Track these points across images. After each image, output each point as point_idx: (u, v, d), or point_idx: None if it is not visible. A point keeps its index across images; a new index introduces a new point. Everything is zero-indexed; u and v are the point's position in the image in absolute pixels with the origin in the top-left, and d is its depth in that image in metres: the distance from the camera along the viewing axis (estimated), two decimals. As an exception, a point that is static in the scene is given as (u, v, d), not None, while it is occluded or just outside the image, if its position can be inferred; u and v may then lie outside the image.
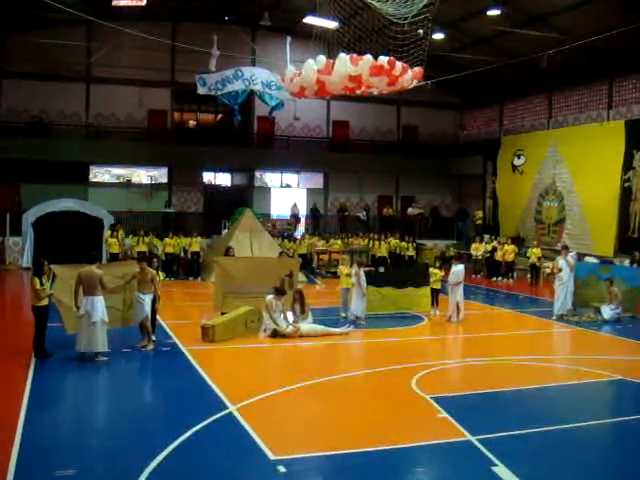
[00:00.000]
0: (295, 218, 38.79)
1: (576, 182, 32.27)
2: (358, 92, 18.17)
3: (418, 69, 17.85)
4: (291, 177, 41.63)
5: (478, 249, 32.55)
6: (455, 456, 9.40)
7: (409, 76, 17.56)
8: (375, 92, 18.41)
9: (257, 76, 29.12)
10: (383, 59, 16.80)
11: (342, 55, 16.96)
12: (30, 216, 31.01)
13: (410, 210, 40.88)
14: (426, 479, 8.79)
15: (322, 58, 17.37)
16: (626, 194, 29.35)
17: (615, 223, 29.69)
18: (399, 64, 17.05)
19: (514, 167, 36.49)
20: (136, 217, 34.96)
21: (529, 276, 30.71)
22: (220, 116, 40.06)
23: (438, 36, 29.79)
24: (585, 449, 10.03)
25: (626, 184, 29.34)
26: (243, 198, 38.51)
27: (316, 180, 41.81)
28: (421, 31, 17.95)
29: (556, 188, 33.60)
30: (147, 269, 15.63)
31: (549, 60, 28.00)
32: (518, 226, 35.79)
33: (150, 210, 36.55)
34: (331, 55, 18.66)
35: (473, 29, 32.54)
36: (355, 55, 16.91)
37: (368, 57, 16.79)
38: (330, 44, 21.22)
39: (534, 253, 30.41)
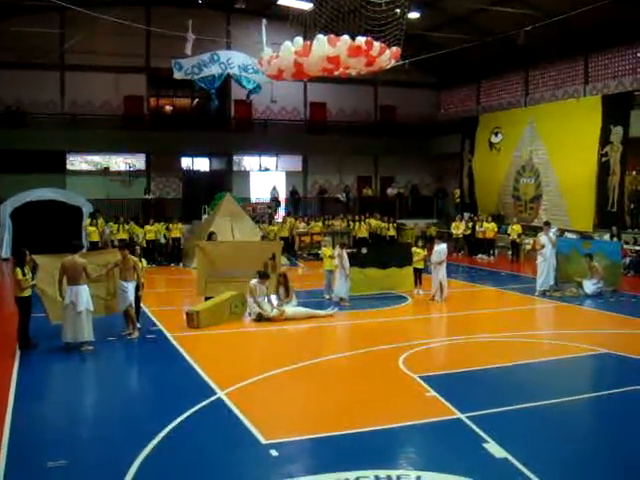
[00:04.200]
0: (275, 201, 38.69)
1: (553, 158, 32.36)
2: (336, 73, 18.10)
3: (395, 49, 17.80)
4: (270, 160, 41.46)
5: (458, 227, 32.65)
6: (446, 434, 9.44)
7: (387, 56, 17.51)
8: (353, 73, 18.34)
9: (233, 59, 28.92)
10: (361, 39, 16.73)
11: (320, 36, 16.85)
12: (8, 207, 30.76)
13: (390, 190, 40.91)
14: (418, 458, 8.80)
15: (299, 40, 17.28)
16: (604, 169, 29.46)
17: (593, 198, 29.81)
18: (377, 44, 16.99)
19: (491, 145, 36.55)
20: (115, 205, 34.75)
21: (510, 253, 30.85)
22: (197, 101, 39.76)
23: (414, 15, 29.64)
24: (574, 423, 10.12)
25: (603, 159, 29.44)
26: (222, 183, 38.40)
27: (295, 163, 41.69)
28: (398, 10, 17.90)
29: (533, 164, 33.71)
30: (129, 257, 15.53)
31: (525, 37, 28.04)
32: (497, 203, 35.89)
33: (129, 197, 36.32)
34: (308, 37, 18.58)
35: (449, 7, 32.50)
36: (333, 36, 16.84)
37: (345, 38, 16.71)
38: (307, 25, 21.13)
39: (514, 230, 30.52)
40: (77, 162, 37.61)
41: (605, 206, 29.39)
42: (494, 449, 8.68)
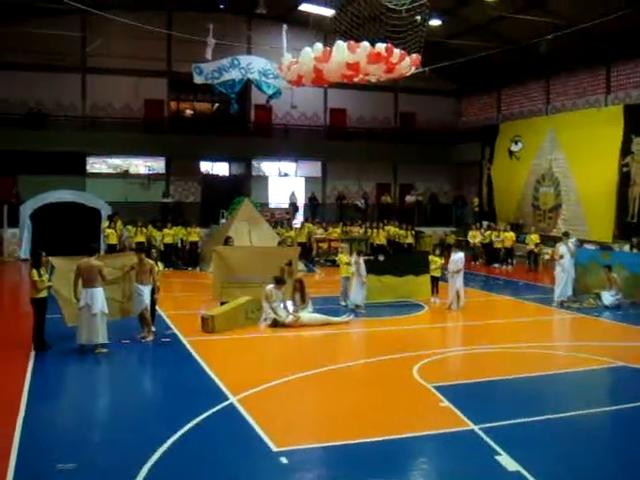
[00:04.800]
0: (293, 207, 38.67)
1: (573, 167, 32.17)
2: (356, 80, 18.07)
3: (416, 56, 17.77)
4: (289, 166, 41.52)
5: (475, 237, 32.45)
6: (458, 445, 9.35)
7: (407, 63, 17.49)
8: (373, 79, 18.31)
9: (254, 64, 28.97)
10: (381, 46, 16.70)
11: (339, 42, 16.85)
12: (28, 208, 30.93)
13: (408, 197, 40.80)
14: (429, 469, 8.73)
15: (319, 46, 17.28)
16: (624, 179, 29.27)
17: (614, 208, 29.60)
18: (397, 51, 16.97)
19: (511, 153, 36.40)
20: (134, 208, 34.84)
21: (527, 262, 30.67)
22: (217, 105, 39.92)
23: (435, 22, 29.59)
24: (588, 436, 9.99)
25: (624, 169, 29.25)
26: (241, 187, 38.39)
27: (314, 168, 41.70)
28: (418, 17, 17.84)
29: (553, 174, 33.52)
30: (145, 260, 15.56)
31: (547, 46, 27.88)
32: (516, 212, 35.69)
33: (148, 200, 36.45)
34: (328, 43, 18.54)
35: (471, 15, 32.39)
36: (352, 42, 16.81)
37: (365, 44, 16.69)
38: (327, 31, 21.11)
39: (532, 239, 30.35)
40: (97, 164, 37.80)
41: (625, 217, 29.17)
42: (506, 462, 8.58)
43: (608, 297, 20.64)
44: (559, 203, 33.07)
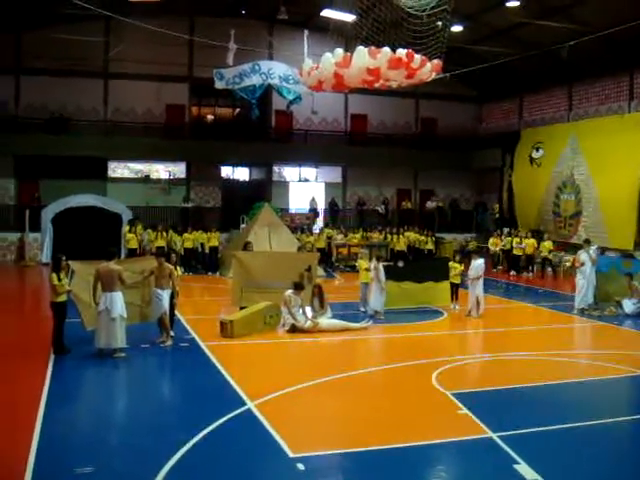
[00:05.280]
0: (314, 212, 38.69)
1: (594, 175, 31.94)
2: (376, 85, 18.05)
3: (437, 62, 17.74)
4: (309, 171, 41.54)
5: (496, 244, 32.28)
6: (476, 454, 9.28)
7: (428, 69, 17.46)
8: (394, 85, 18.28)
9: (274, 70, 29.06)
10: (401, 52, 16.70)
11: (360, 48, 16.86)
12: (49, 212, 31.16)
13: (429, 203, 40.70)
14: (447, 477, 8.68)
15: (340, 51, 17.29)
16: (646, 187, 29.07)
17: (635, 216, 29.37)
18: (417, 57, 16.95)
19: (532, 160, 36.22)
20: (154, 212, 34.99)
21: (541, 269, 30.65)
22: (238, 110, 40.01)
23: (457, 28, 29.54)
24: (608, 446, 9.85)
25: (646, 177, 29.04)
26: (261, 192, 38.51)
27: (334, 174, 41.68)
28: (440, 23, 17.80)
29: (574, 181, 33.30)
30: (165, 264, 15.59)
31: (569, 52, 27.68)
32: (537, 219, 35.48)
33: (168, 205, 36.58)
34: (349, 48, 18.54)
35: (492, 21, 32.25)
36: (373, 48, 16.79)
37: (386, 50, 16.68)
38: (348, 37, 21.09)
39: (545, 246, 30.34)
40: (118, 169, 37.99)
41: (647, 225, 28.95)
42: (525, 470, 8.49)
43: (629, 305, 20.46)
44: (580, 210, 32.85)
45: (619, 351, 15.92)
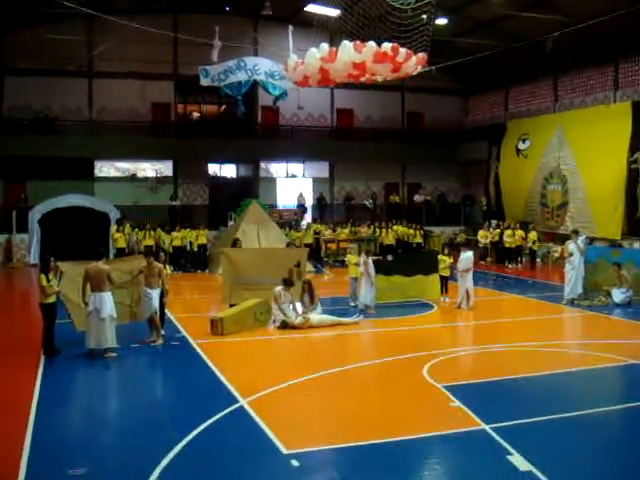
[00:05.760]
0: (301, 208, 38.65)
1: (580, 165, 32.05)
2: (362, 79, 18.04)
3: (422, 55, 17.74)
4: (296, 167, 41.47)
5: (485, 236, 32.33)
6: (470, 445, 9.29)
7: (413, 62, 17.46)
8: (379, 79, 18.27)
9: (260, 66, 28.98)
10: (387, 46, 16.68)
11: (345, 42, 16.84)
12: (36, 213, 31.04)
13: (417, 197, 40.74)
14: (441, 470, 8.69)
15: (325, 46, 17.27)
16: (633, 176, 29.15)
17: (622, 205, 29.48)
18: (403, 50, 16.95)
19: (518, 151, 36.28)
20: (142, 211, 34.87)
21: (530, 260, 30.76)
22: (224, 107, 39.88)
23: (442, 21, 29.61)
24: (601, 435, 9.91)
25: (633, 165, 29.12)
26: (249, 189, 38.43)
27: (322, 169, 41.62)
28: (425, 16, 17.80)
29: (560, 171, 33.38)
30: (154, 263, 15.54)
31: (554, 43, 27.72)
32: (524, 210, 35.55)
33: (156, 204, 36.47)
34: (334, 43, 18.51)
35: (477, 13, 32.30)
36: (358, 42, 16.78)
37: (371, 44, 16.67)
38: (333, 32, 21.09)
39: (530, 237, 30.46)
40: (105, 168, 37.80)
41: (634, 214, 29.04)
42: (518, 461, 8.52)
43: (619, 294, 20.54)
44: (566, 201, 32.93)
45: (609, 340, 16.00)
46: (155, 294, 15.37)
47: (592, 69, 33.67)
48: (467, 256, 20.24)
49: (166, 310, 16.80)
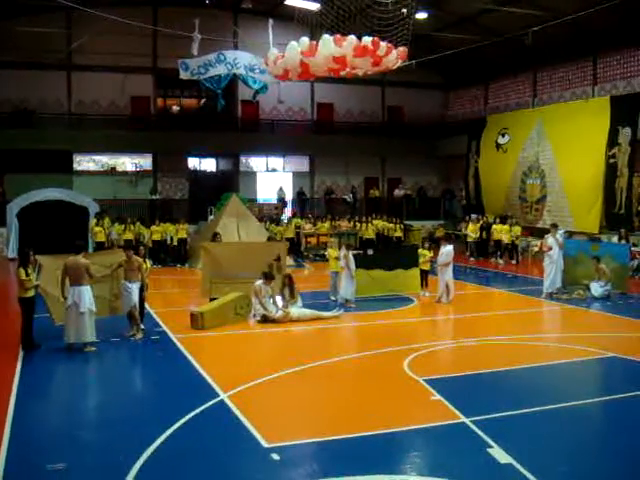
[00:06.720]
0: (282, 202, 38.61)
1: (559, 159, 32.22)
2: (342, 73, 18.02)
3: (402, 49, 17.74)
4: (276, 161, 41.41)
5: (474, 231, 32.09)
6: (450, 438, 9.33)
7: (393, 56, 17.45)
8: (360, 73, 18.26)
9: (240, 60, 28.89)
10: (367, 39, 16.66)
11: (326, 36, 16.82)
12: (14, 206, 30.76)
13: (397, 191, 40.79)
14: (421, 463, 8.70)
15: (305, 40, 17.24)
16: (611, 170, 29.34)
17: (601, 200, 29.67)
18: (383, 44, 16.94)
19: (498, 145, 36.41)
20: (122, 205, 34.72)
21: (510, 254, 30.71)
22: (204, 101, 39.68)
23: (421, 15, 29.55)
24: (581, 428, 9.97)
25: (611, 160, 29.32)
26: (229, 183, 38.36)
27: (302, 163, 41.63)
28: (405, 10, 17.81)
29: (539, 166, 33.54)
30: (134, 257, 15.46)
31: (533, 38, 27.81)
32: (504, 205, 35.67)
33: (136, 197, 36.29)
34: (314, 37, 18.49)
35: (457, 8, 32.32)
36: (339, 36, 16.77)
37: (352, 38, 16.65)
38: (313, 25, 21.04)
39: (514, 231, 30.35)
40: (84, 162, 37.58)
41: (613, 208, 29.24)
42: (498, 454, 8.57)
43: (597, 288, 20.68)
44: (545, 195, 33.11)
45: (588, 333, 16.14)
46: (135, 288, 15.30)
47: (571, 64, 33.84)
48: (447, 250, 20.30)
49: (146, 304, 16.71)
